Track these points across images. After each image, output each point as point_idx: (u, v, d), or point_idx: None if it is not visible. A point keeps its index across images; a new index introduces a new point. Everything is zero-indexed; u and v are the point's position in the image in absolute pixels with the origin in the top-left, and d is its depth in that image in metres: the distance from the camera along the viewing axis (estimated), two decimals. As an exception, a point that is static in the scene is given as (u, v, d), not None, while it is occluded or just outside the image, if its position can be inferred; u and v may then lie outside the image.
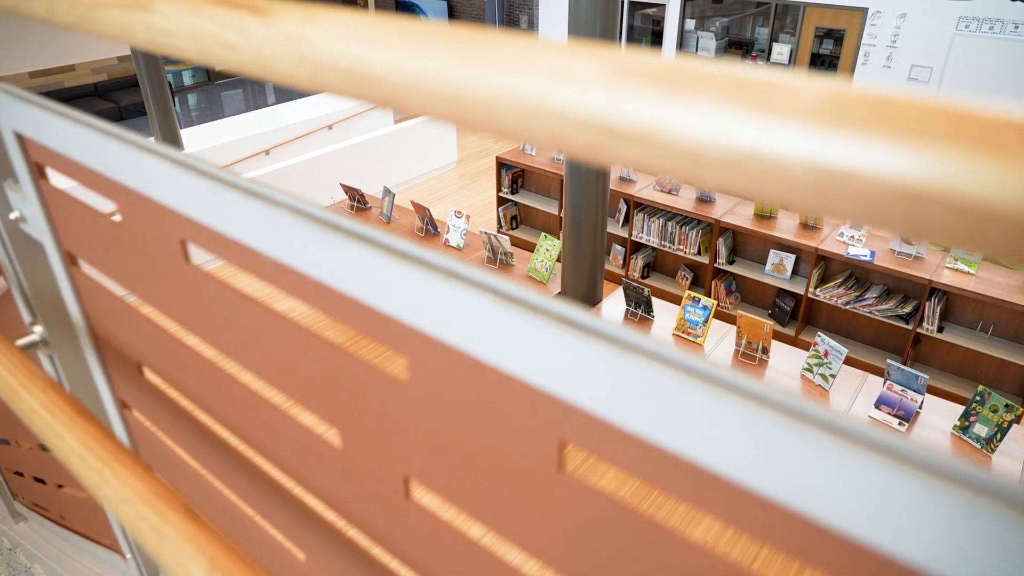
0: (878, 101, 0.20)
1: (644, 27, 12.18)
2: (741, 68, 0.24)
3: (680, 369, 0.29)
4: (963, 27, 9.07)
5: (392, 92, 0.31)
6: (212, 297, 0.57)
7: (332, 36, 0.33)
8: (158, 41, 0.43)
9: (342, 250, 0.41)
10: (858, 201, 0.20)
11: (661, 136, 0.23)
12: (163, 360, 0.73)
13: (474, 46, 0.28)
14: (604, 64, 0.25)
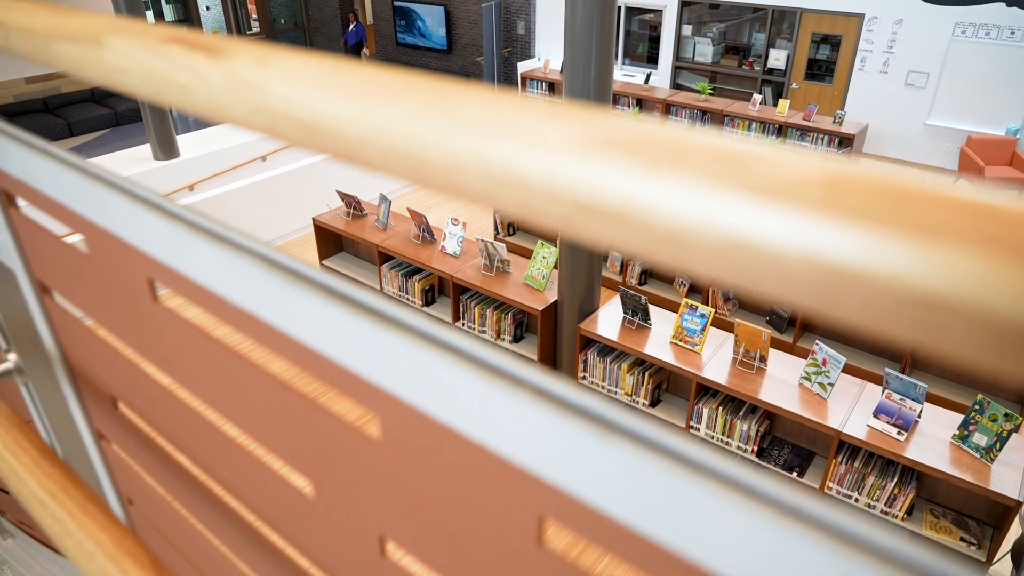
0: (897, 189, 0.18)
1: (641, 32, 12.18)
2: (736, 140, 0.21)
3: (666, 455, 0.27)
4: (959, 32, 9.08)
5: (349, 147, 0.28)
6: (181, 339, 0.55)
7: (288, 83, 0.30)
8: (112, 79, 0.40)
9: (308, 303, 0.38)
10: (870, 306, 0.18)
11: (639, 216, 0.21)
12: (136, 396, 0.70)
13: (438, 101, 0.26)
14: (579, 129, 0.22)
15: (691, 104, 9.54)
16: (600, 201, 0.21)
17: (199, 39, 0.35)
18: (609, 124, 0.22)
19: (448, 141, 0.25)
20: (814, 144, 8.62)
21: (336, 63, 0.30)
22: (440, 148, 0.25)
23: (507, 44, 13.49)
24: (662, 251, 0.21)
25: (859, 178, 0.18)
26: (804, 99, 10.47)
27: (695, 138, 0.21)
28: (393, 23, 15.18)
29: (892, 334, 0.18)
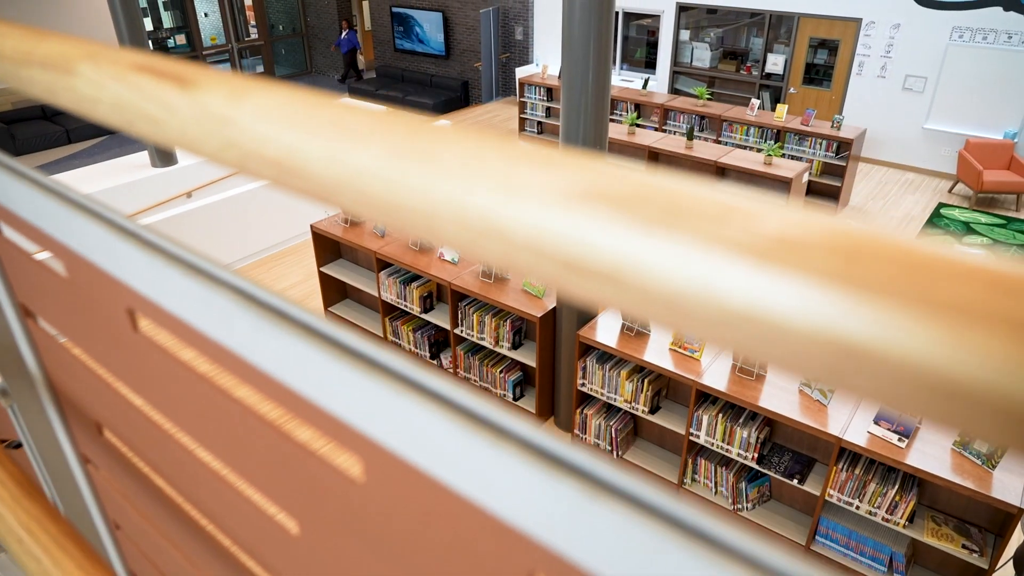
0: (913, 256, 0.16)
1: (639, 37, 12.19)
2: (737, 195, 0.19)
3: (658, 516, 0.25)
4: (957, 37, 9.09)
5: (323, 188, 0.26)
6: (163, 370, 0.53)
7: (260, 119, 0.28)
8: (84, 107, 0.38)
9: (287, 342, 0.37)
10: (883, 386, 0.16)
11: (631, 278, 0.19)
12: (120, 423, 0.68)
13: (417, 144, 0.24)
14: (565, 179, 0.21)
15: (689, 109, 9.54)
16: (588, 260, 0.19)
17: (170, 69, 0.33)
18: (598, 175, 0.20)
19: (425, 187, 0.23)
20: (812, 149, 8.61)
21: (312, 99, 0.28)
22: (417, 194, 0.23)
23: (505, 49, 13.50)
24: (657, 316, 0.19)
25: (873, 245, 0.16)
26: (802, 104, 10.48)
27: (693, 192, 0.19)
28: (391, 29, 15.20)
29: (907, 411, 0.16)
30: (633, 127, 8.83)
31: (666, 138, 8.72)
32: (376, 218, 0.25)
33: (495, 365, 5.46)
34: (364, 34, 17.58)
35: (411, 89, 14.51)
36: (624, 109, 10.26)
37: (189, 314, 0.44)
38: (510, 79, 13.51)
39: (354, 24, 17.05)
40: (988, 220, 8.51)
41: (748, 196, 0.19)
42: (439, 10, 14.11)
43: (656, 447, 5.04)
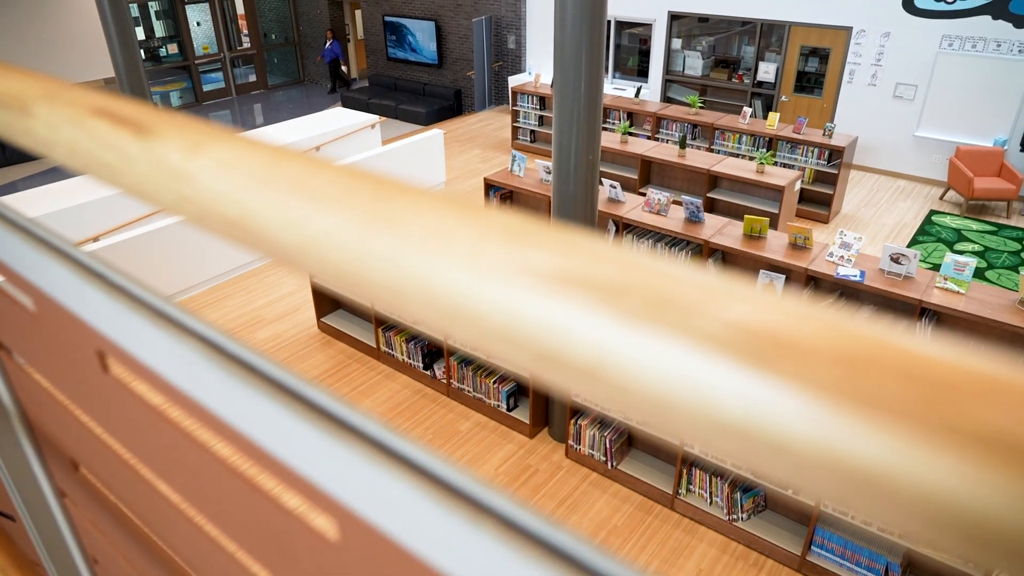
0: (935, 370, 0.14)
1: (631, 46, 12.23)
2: (733, 283, 0.17)
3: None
4: (946, 45, 9.15)
5: (283, 253, 0.24)
6: (134, 413, 0.51)
7: (219, 175, 0.26)
8: (41, 149, 0.36)
9: (256, 399, 0.35)
10: (890, 515, 0.14)
11: (610, 375, 0.17)
12: (95, 462, 0.66)
13: (383, 210, 0.22)
14: (544, 259, 0.19)
15: (681, 117, 9.56)
16: (564, 352, 0.18)
17: (128, 114, 0.31)
18: (577, 255, 0.19)
19: (390, 259, 0.21)
20: (804, 157, 8.64)
21: (274, 154, 0.26)
22: (381, 266, 0.21)
23: (498, 58, 13.53)
24: (641, 417, 0.17)
25: (883, 353, 0.15)
26: (794, 112, 10.52)
27: (681, 278, 0.17)
28: (384, 38, 15.21)
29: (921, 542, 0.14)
30: (626, 135, 8.84)
31: (659, 146, 8.73)
32: (339, 288, 0.23)
33: (488, 376, 5.43)
34: (357, 43, 17.60)
35: (404, 98, 14.52)
36: (617, 117, 10.28)
37: (155, 362, 0.41)
38: (503, 88, 13.53)
39: (347, 34, 17.06)
40: (979, 227, 8.55)
41: (742, 282, 0.18)
42: (432, 19, 14.13)
43: (650, 458, 5.02)
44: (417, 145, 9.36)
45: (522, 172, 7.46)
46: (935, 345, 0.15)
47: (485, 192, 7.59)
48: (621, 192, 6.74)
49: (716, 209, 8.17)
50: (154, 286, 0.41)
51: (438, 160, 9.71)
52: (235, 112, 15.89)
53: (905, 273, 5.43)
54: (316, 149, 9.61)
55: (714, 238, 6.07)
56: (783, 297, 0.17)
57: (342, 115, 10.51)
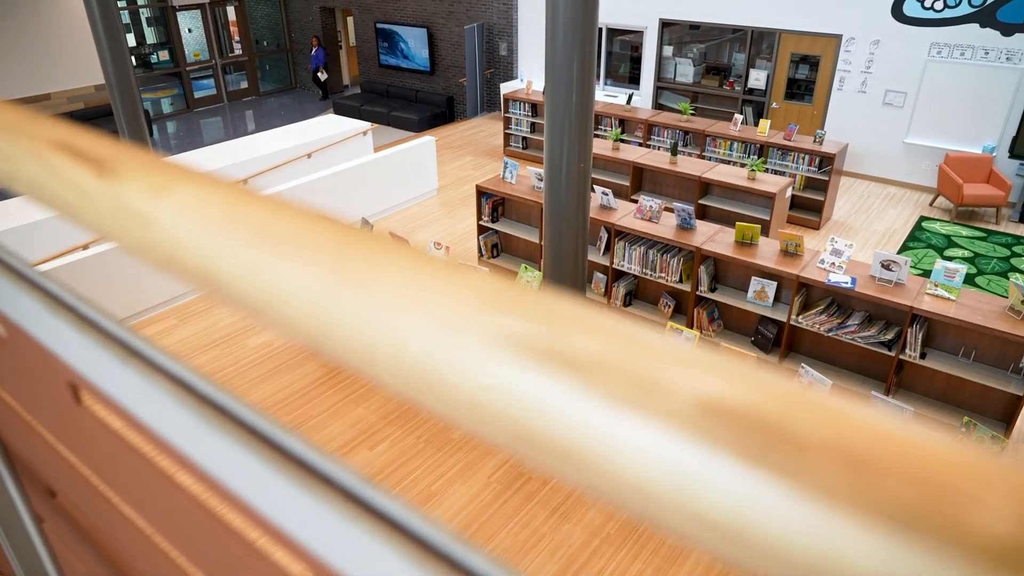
0: (951, 474, 0.13)
1: (623, 53, 12.27)
2: (735, 365, 0.16)
3: None
4: (935, 52, 9.22)
5: (246, 305, 0.23)
6: (107, 445, 0.49)
7: (182, 221, 0.25)
8: (3, 183, 0.35)
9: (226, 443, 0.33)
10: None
11: (590, 461, 0.16)
12: (70, 491, 0.64)
13: (351, 265, 0.21)
14: (523, 327, 0.18)
15: (673, 124, 9.59)
16: (539, 434, 0.16)
17: (91, 150, 0.30)
18: (561, 325, 0.17)
19: (356, 318, 0.20)
20: (795, 163, 8.68)
21: (241, 198, 0.25)
22: (346, 325, 0.20)
23: (490, 65, 13.55)
24: (624, 507, 0.16)
25: (890, 452, 0.13)
26: (785, 118, 10.57)
27: (671, 355, 0.16)
28: (376, 45, 15.21)
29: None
30: (617, 142, 8.86)
31: (650, 153, 8.75)
32: (306, 345, 0.22)
33: (481, 384, 5.42)
34: (349, 49, 17.59)
35: (396, 105, 14.51)
36: (608, 124, 10.30)
37: (125, 399, 0.40)
38: (495, 95, 13.55)
39: (338, 41, 17.06)
40: (969, 233, 8.59)
41: (731, 357, 0.16)
42: (424, 26, 14.14)
43: (644, 465, 5.00)
44: (409, 152, 9.35)
45: (514, 179, 7.45)
46: (937, 438, 0.14)
47: (477, 199, 7.58)
48: (613, 199, 6.74)
49: (708, 216, 8.18)
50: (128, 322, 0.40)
51: (430, 167, 9.70)
52: (226, 118, 15.84)
53: (896, 279, 5.45)
54: (308, 156, 9.58)
55: (706, 245, 6.08)
56: (776, 376, 0.15)
57: (334, 122, 10.48)
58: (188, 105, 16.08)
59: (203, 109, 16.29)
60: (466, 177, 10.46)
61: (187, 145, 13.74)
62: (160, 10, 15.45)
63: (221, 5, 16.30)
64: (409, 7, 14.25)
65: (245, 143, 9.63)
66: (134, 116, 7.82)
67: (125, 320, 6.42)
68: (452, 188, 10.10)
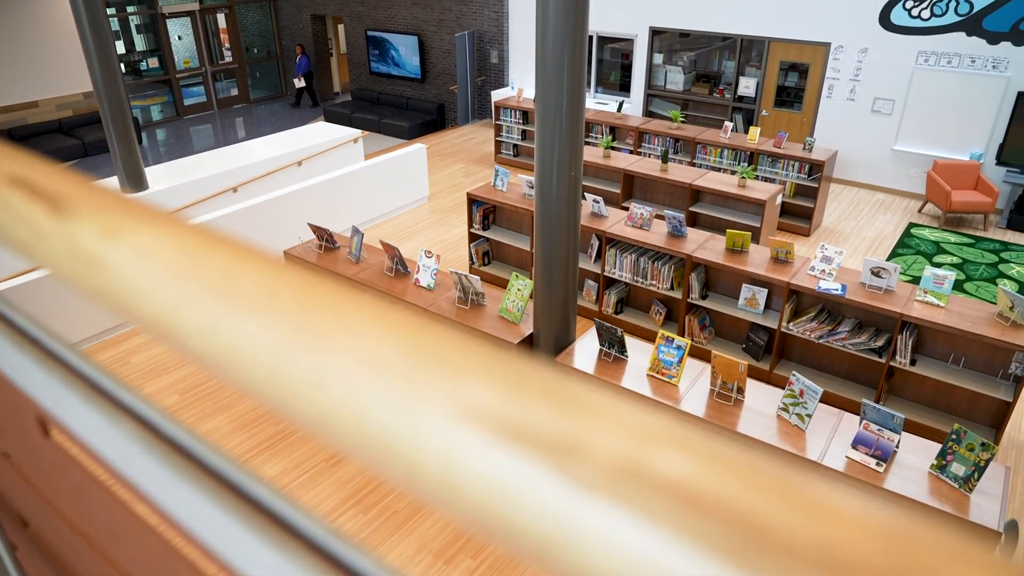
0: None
1: (613, 60, 12.32)
2: (724, 450, 0.15)
3: None
4: (922, 61, 9.29)
5: (201, 359, 0.22)
6: (75, 480, 0.47)
7: (136, 267, 0.24)
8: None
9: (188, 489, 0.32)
10: None
11: (563, 551, 0.14)
12: (41, 522, 0.62)
13: (311, 324, 0.20)
14: (488, 398, 0.16)
15: (664, 132, 9.62)
16: (507, 520, 0.15)
17: (47, 187, 0.28)
18: (532, 397, 0.16)
19: (315, 383, 0.18)
20: (785, 170, 8.71)
21: (200, 245, 0.24)
22: (303, 387, 0.19)
23: (481, 73, 13.56)
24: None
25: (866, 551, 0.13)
26: (774, 126, 10.62)
27: (656, 433, 0.15)
28: (367, 52, 15.21)
29: None
30: (608, 150, 8.88)
31: (641, 161, 8.77)
32: (263, 405, 0.20)
33: (472, 392, 5.39)
34: (339, 57, 17.58)
35: (387, 112, 14.50)
36: (599, 132, 10.32)
37: (90, 438, 0.38)
38: (486, 102, 13.56)
39: (329, 48, 17.04)
40: (957, 239, 8.65)
41: (717, 435, 0.15)
42: (414, 34, 14.15)
43: (636, 474, 4.99)
44: (400, 159, 9.33)
45: (505, 187, 7.45)
46: (924, 527, 0.13)
47: (468, 207, 7.57)
48: (604, 207, 6.75)
49: (698, 223, 8.20)
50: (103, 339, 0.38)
51: (421, 174, 9.69)
52: (216, 126, 15.78)
53: (886, 286, 5.47)
54: (298, 164, 9.55)
55: (697, 252, 6.08)
56: (771, 463, 0.14)
57: (324, 129, 10.46)
58: (178, 112, 16.02)
59: (193, 116, 16.23)
60: (457, 185, 10.45)
61: (176, 152, 13.68)
62: (150, 17, 15.40)
63: (211, 12, 16.26)
64: (400, 15, 14.26)
65: (235, 151, 9.59)
66: (122, 124, 7.78)
67: (103, 334, 6.28)
68: (443, 196, 10.09)
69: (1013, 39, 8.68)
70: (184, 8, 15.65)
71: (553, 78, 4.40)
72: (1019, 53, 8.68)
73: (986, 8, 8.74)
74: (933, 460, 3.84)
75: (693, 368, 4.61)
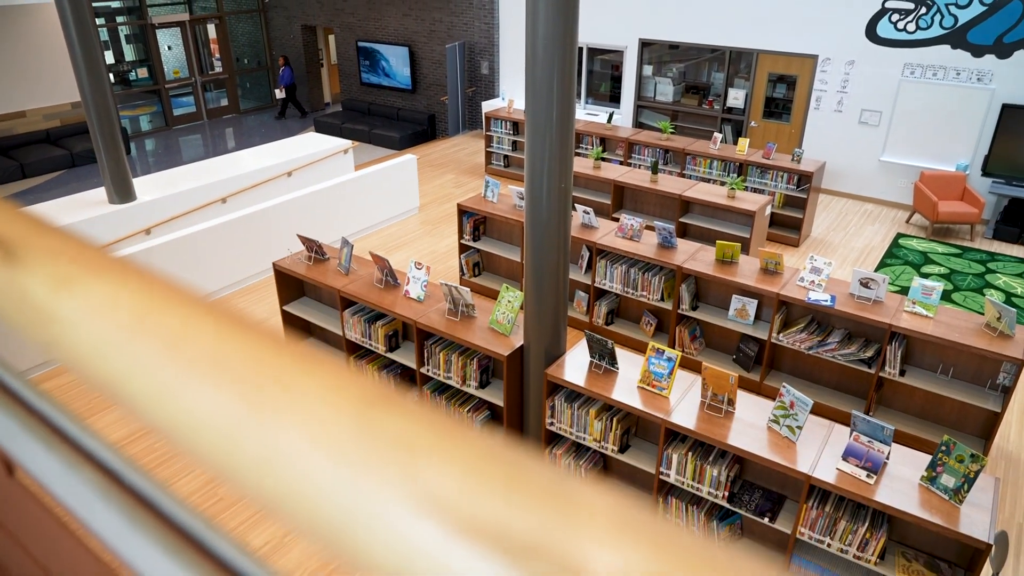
0: None
1: (603, 72, 12.38)
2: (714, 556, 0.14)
3: None
4: (908, 73, 9.39)
5: (155, 428, 0.20)
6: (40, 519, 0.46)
7: (86, 321, 0.22)
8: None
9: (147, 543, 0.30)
10: None
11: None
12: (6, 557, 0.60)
13: (267, 391, 0.18)
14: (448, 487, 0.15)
15: (653, 143, 9.66)
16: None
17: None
18: (494, 486, 0.15)
19: (267, 460, 0.17)
20: (774, 181, 8.76)
21: (157, 300, 0.22)
22: (256, 468, 0.17)
23: (471, 83, 13.60)
24: None
25: None
26: (763, 137, 10.69)
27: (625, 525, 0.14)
28: (357, 63, 15.22)
29: None
30: (598, 161, 8.90)
31: (631, 172, 8.80)
32: (214, 474, 0.19)
33: (462, 404, 5.36)
34: (330, 67, 17.59)
35: (377, 123, 14.51)
36: (590, 143, 10.36)
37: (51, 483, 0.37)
38: (476, 113, 13.59)
39: (320, 59, 17.04)
40: (944, 250, 8.71)
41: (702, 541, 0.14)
42: (405, 44, 14.18)
43: (627, 486, 4.97)
44: (390, 170, 9.33)
45: (495, 198, 7.45)
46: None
47: (459, 218, 7.56)
48: (594, 218, 6.76)
49: (688, 234, 8.23)
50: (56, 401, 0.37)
51: (411, 185, 9.68)
52: (206, 136, 15.73)
53: (874, 297, 5.49)
54: (288, 174, 9.52)
55: (687, 263, 6.09)
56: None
57: (315, 140, 10.44)
58: (167, 122, 15.96)
59: (182, 127, 16.17)
60: (447, 195, 10.45)
61: (165, 163, 13.62)
62: (139, 27, 15.37)
63: (202, 23, 16.25)
64: (391, 26, 14.29)
65: (225, 161, 9.56)
66: (110, 134, 7.73)
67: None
68: (433, 206, 10.08)
69: (997, 52, 8.79)
70: (174, 18, 15.63)
71: (543, 89, 4.41)
72: (1003, 66, 8.79)
73: (970, 22, 8.84)
74: (923, 472, 3.84)
75: (684, 380, 4.60)
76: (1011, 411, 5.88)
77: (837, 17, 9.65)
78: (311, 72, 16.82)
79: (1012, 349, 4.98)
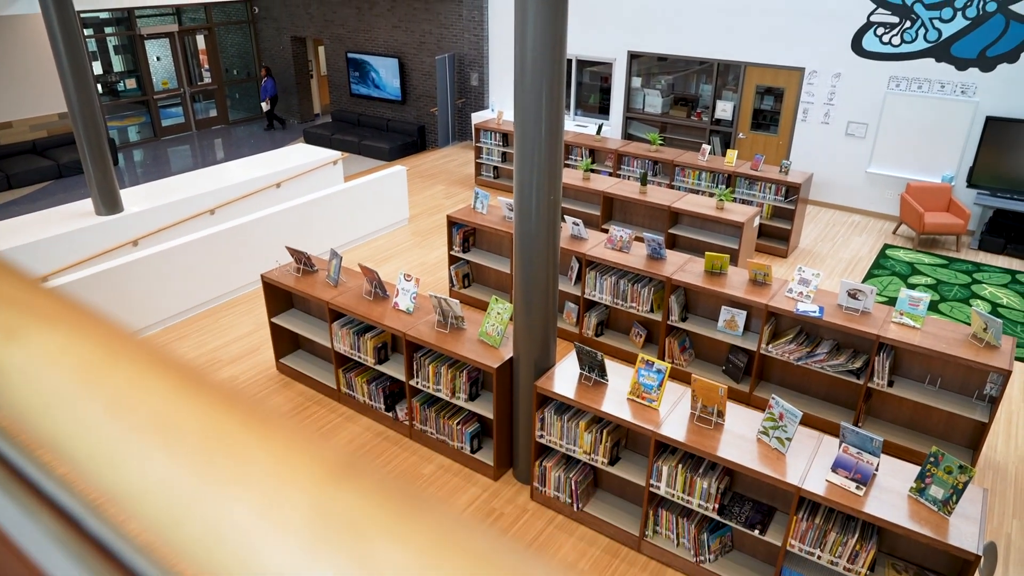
0: None
1: (592, 84, 12.44)
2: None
3: None
4: (894, 86, 9.49)
5: (103, 494, 0.19)
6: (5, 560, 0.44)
7: (31, 377, 0.21)
8: None
9: None
10: None
11: None
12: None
13: (218, 459, 0.17)
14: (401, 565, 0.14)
15: (642, 154, 9.70)
16: None
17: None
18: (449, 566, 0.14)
19: (211, 541, 0.16)
20: (762, 193, 8.81)
21: (107, 353, 0.21)
22: (205, 545, 0.16)
23: (461, 95, 13.63)
24: None
25: None
26: (751, 148, 10.76)
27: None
28: (347, 74, 15.23)
29: None
30: (588, 172, 8.93)
31: (620, 183, 8.82)
32: (161, 542, 0.18)
33: (452, 417, 5.33)
34: (320, 79, 17.59)
35: (367, 134, 14.50)
36: (579, 154, 10.39)
37: (11, 530, 0.35)
38: (466, 124, 13.62)
39: (309, 70, 17.04)
40: (931, 260, 8.78)
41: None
42: (395, 56, 14.21)
43: (617, 498, 4.95)
44: (380, 181, 9.31)
45: (485, 209, 7.45)
46: None
47: (448, 229, 7.55)
48: (584, 229, 6.76)
49: (677, 245, 8.25)
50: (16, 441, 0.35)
51: (401, 196, 9.67)
52: (195, 147, 15.67)
53: (863, 308, 5.52)
54: (277, 186, 9.49)
55: (676, 275, 6.11)
56: None
57: (304, 151, 10.42)
58: (156, 133, 15.89)
59: (171, 137, 16.11)
60: (437, 206, 10.44)
61: (154, 174, 13.55)
62: (128, 38, 15.32)
63: (191, 34, 16.22)
64: (380, 37, 14.32)
65: (214, 172, 9.52)
66: (97, 145, 7.69)
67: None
68: (423, 218, 10.07)
69: (980, 65, 8.90)
70: (163, 29, 15.59)
71: (532, 101, 4.41)
72: (986, 79, 8.90)
73: (954, 35, 8.96)
74: (912, 483, 3.85)
75: (674, 391, 4.60)
76: (998, 421, 5.91)
77: (823, 30, 9.75)
78: (301, 83, 16.81)
79: (999, 360, 5.01)
